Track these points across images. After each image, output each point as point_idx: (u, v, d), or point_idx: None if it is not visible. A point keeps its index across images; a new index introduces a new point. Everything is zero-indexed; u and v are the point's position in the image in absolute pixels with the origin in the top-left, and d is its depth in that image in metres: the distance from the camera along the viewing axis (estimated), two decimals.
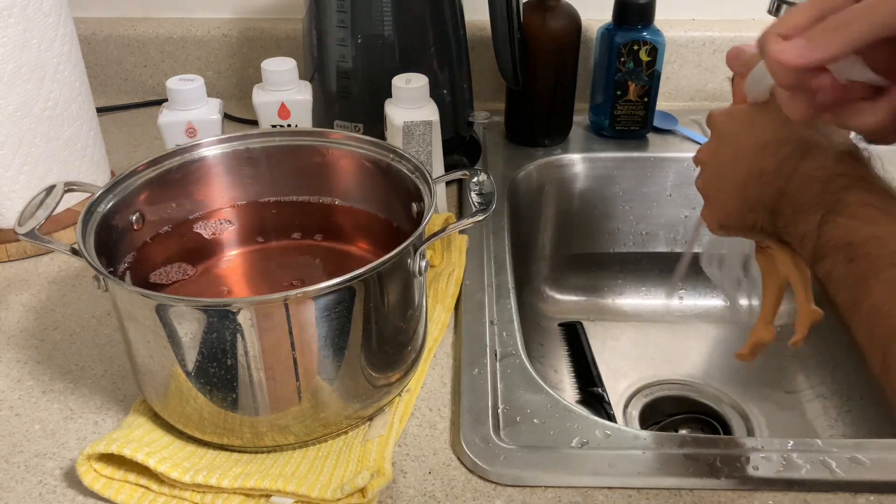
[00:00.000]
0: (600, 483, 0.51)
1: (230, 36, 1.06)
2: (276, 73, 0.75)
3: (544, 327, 0.93)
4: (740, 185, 0.50)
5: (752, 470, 0.52)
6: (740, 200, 0.50)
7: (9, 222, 0.75)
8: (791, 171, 0.46)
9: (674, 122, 0.98)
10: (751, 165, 0.49)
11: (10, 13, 0.69)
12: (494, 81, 1.02)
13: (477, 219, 0.55)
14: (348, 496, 0.49)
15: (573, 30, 0.89)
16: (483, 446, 0.53)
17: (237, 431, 0.52)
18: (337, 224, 0.65)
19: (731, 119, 0.52)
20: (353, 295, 0.49)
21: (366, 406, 0.54)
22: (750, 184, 0.49)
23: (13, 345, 0.65)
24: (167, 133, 0.72)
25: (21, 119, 0.72)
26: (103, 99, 1.08)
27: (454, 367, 0.62)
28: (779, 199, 0.47)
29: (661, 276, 0.97)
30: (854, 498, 0.50)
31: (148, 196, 0.60)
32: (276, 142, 0.64)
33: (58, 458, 0.54)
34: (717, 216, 0.53)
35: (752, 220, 0.50)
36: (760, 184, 0.48)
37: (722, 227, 0.53)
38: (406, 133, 0.73)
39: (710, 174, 0.54)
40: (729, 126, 0.52)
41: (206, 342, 0.48)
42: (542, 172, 0.92)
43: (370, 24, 0.81)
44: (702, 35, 1.01)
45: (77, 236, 0.51)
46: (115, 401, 0.59)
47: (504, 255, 0.75)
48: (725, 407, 0.82)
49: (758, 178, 0.48)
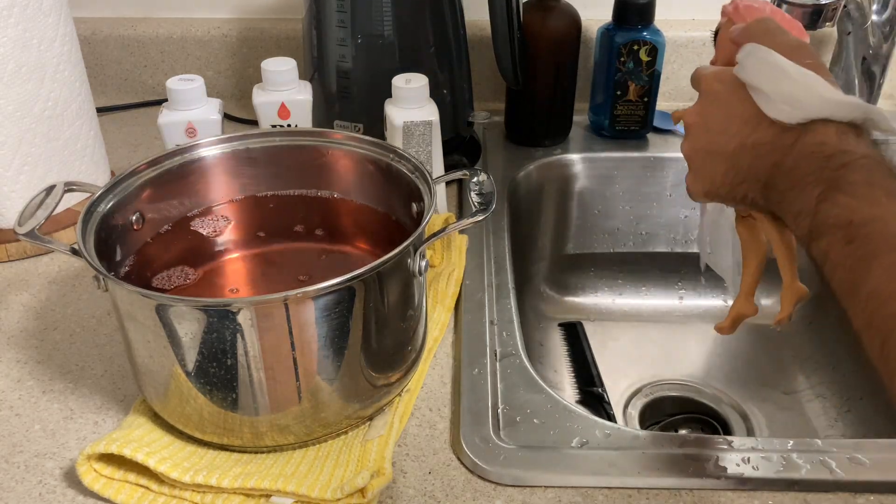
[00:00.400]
0: (600, 483, 0.51)
1: (230, 36, 1.06)
2: (276, 73, 0.75)
3: (544, 327, 0.93)
4: (731, 155, 0.47)
5: (752, 470, 0.52)
6: (730, 170, 0.48)
7: (9, 222, 0.75)
8: (789, 145, 0.44)
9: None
10: (744, 135, 0.46)
11: (10, 13, 0.69)
12: (494, 81, 1.02)
13: (477, 219, 0.55)
14: (348, 496, 0.49)
15: (573, 30, 0.89)
16: (483, 446, 0.53)
17: (237, 431, 0.52)
18: (336, 224, 0.65)
19: (723, 82, 0.49)
20: (353, 295, 0.49)
21: (366, 406, 0.54)
22: (742, 154, 0.46)
23: (13, 345, 0.65)
24: (167, 133, 0.72)
25: (21, 119, 0.72)
26: (103, 99, 1.08)
27: (454, 367, 0.62)
28: (773, 173, 0.45)
29: (661, 276, 0.97)
30: (854, 498, 0.50)
31: (148, 196, 0.60)
32: (276, 142, 0.64)
33: (58, 458, 0.54)
34: (702, 184, 0.51)
35: (742, 192, 0.48)
36: (754, 155, 0.46)
37: (707, 195, 0.51)
38: (406, 133, 0.73)
39: (697, 139, 0.51)
40: (721, 89, 0.49)
41: (206, 342, 0.48)
42: (542, 172, 0.92)
43: (370, 24, 0.81)
44: (702, 35, 1.01)
45: (77, 236, 0.51)
46: (115, 401, 0.59)
47: (504, 255, 0.75)
48: (725, 407, 0.82)
49: (751, 148, 0.46)
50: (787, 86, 0.45)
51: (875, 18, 0.87)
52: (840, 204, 0.40)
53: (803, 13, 0.80)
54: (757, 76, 0.47)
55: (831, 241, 0.40)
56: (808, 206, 0.42)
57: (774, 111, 0.45)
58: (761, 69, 0.47)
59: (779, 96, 0.45)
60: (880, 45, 0.88)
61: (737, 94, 0.47)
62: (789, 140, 0.44)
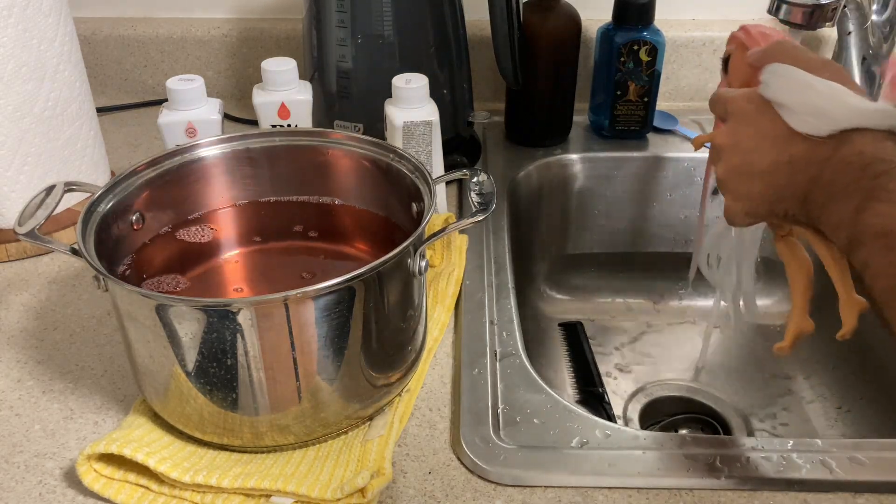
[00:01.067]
0: (600, 483, 0.51)
1: (230, 36, 1.06)
2: (276, 73, 0.75)
3: (544, 327, 0.93)
4: (767, 173, 0.47)
5: (752, 470, 0.52)
6: (767, 189, 0.48)
7: (9, 222, 0.75)
8: (826, 158, 0.44)
9: (674, 122, 0.98)
10: (778, 152, 0.46)
11: (10, 13, 0.69)
12: (494, 81, 1.02)
13: (477, 219, 0.55)
14: (348, 496, 0.49)
15: (573, 30, 0.89)
16: (483, 446, 0.53)
17: (237, 431, 0.52)
18: (336, 224, 0.65)
19: (752, 101, 0.49)
20: (353, 295, 0.49)
21: (366, 406, 0.54)
22: (778, 171, 0.46)
23: (13, 345, 0.65)
24: (167, 133, 0.72)
25: (21, 119, 0.72)
26: (103, 99, 1.08)
27: (454, 367, 0.62)
28: (811, 187, 0.45)
29: (661, 275, 0.97)
30: (854, 498, 0.50)
31: (148, 196, 0.60)
32: (276, 142, 0.64)
33: (58, 458, 0.54)
34: (741, 205, 0.51)
35: (782, 209, 0.48)
36: (790, 171, 0.46)
37: (748, 216, 0.51)
38: (406, 133, 0.73)
39: (730, 161, 0.51)
40: (750, 109, 0.49)
41: (206, 342, 0.48)
42: (542, 172, 0.92)
43: (370, 24, 0.81)
44: (702, 35, 1.01)
45: (77, 236, 0.51)
46: (115, 401, 0.59)
47: (504, 255, 0.75)
48: (725, 407, 0.82)
49: (787, 165, 0.46)
50: (814, 98, 0.45)
51: (875, 18, 0.87)
52: (879, 213, 0.40)
53: (803, 13, 0.79)
54: (783, 93, 0.47)
55: (871, 251, 0.40)
56: (846, 217, 0.42)
57: (803, 125, 0.45)
58: (786, 85, 0.47)
59: (806, 110, 0.45)
60: (880, 45, 0.88)
61: (766, 114, 0.48)
62: (825, 153, 0.44)
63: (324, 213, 0.65)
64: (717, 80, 1.03)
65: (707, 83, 1.04)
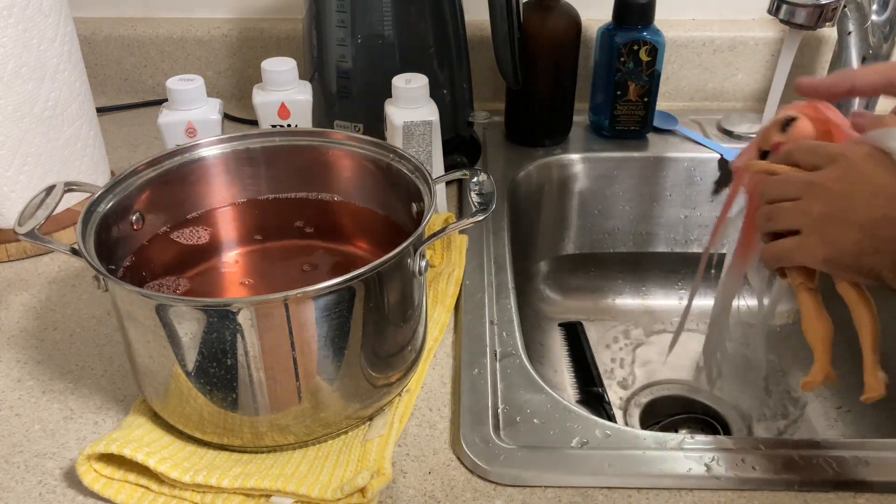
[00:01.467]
0: (600, 483, 0.51)
1: (230, 36, 1.06)
2: (276, 73, 0.75)
3: (544, 327, 0.93)
4: (870, 224, 0.46)
5: (753, 470, 0.52)
6: (864, 240, 0.47)
7: (9, 222, 0.75)
8: None
9: (674, 122, 0.98)
10: (891, 207, 0.46)
11: (10, 13, 0.69)
12: (494, 81, 1.02)
13: (477, 219, 0.55)
14: (348, 496, 0.49)
15: (573, 30, 0.89)
16: (483, 446, 0.53)
17: (237, 431, 0.52)
18: (336, 224, 0.65)
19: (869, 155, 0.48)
20: (353, 295, 0.49)
21: (366, 406, 0.54)
22: (884, 225, 0.46)
23: (13, 345, 0.65)
24: (167, 133, 0.72)
25: (21, 119, 0.72)
26: (103, 99, 1.08)
27: (454, 367, 0.62)
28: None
29: (661, 276, 0.97)
30: (854, 498, 0.50)
31: (148, 196, 0.60)
32: (276, 142, 0.64)
33: (58, 458, 0.54)
34: (825, 251, 0.49)
35: (870, 264, 0.47)
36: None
37: (826, 262, 0.49)
38: (406, 133, 0.73)
39: (831, 205, 0.49)
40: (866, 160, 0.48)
41: (206, 342, 0.48)
42: (542, 172, 0.92)
43: (370, 24, 0.81)
44: (702, 35, 1.01)
45: (77, 236, 0.51)
46: (115, 401, 0.59)
47: (504, 255, 0.75)
48: (725, 407, 0.82)
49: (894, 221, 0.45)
50: None
51: (875, 18, 0.87)
52: None
53: (804, 13, 0.80)
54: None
55: None
56: None
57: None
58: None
59: None
60: (880, 45, 0.88)
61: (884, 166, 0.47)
62: None
63: (324, 212, 0.65)
64: (717, 80, 1.04)
65: (707, 83, 1.04)
